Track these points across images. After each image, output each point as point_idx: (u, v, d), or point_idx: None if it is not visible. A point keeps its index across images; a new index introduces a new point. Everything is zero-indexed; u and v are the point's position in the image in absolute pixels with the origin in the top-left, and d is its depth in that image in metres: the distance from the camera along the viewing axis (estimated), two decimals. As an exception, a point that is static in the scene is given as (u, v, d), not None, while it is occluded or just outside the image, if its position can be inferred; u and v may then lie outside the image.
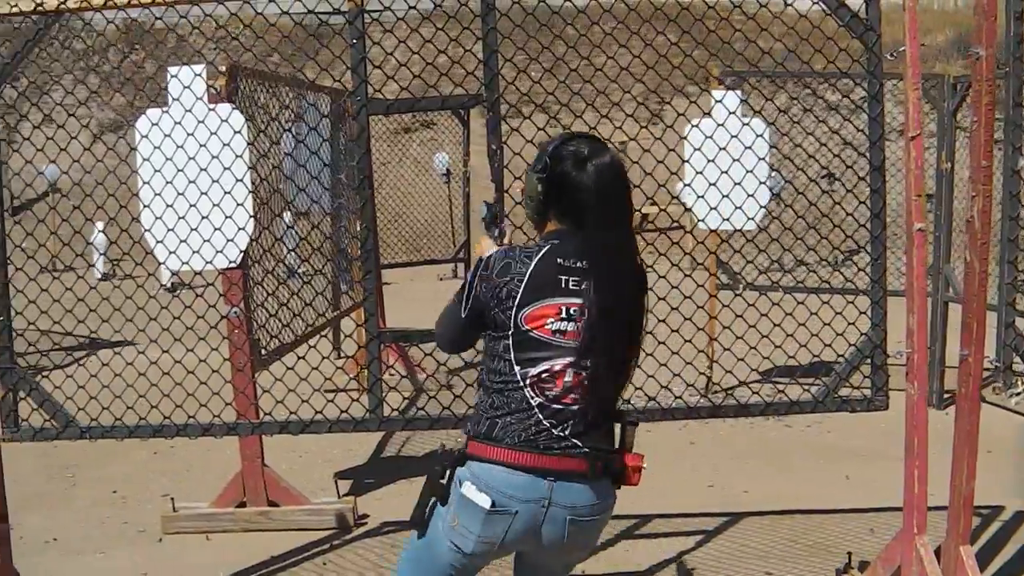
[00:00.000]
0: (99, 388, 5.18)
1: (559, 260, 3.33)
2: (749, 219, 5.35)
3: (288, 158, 6.78)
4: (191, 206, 5.64)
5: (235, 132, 5.78)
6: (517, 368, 3.33)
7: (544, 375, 3.31)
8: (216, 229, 5.66)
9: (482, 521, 3.30)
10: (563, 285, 3.32)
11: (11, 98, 22.17)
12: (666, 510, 6.41)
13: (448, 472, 3.39)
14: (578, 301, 3.32)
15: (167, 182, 5.67)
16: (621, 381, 3.48)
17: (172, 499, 6.56)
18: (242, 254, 5.95)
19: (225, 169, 5.68)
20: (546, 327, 3.31)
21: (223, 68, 6.27)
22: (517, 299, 3.31)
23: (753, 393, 8.64)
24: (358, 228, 8.86)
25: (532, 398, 3.31)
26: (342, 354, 10.37)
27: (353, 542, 6.21)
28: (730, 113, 5.51)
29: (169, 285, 13.87)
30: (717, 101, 7.40)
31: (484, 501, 3.28)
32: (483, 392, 3.44)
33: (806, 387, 7.43)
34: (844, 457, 7.65)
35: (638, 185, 5.27)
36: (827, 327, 5.05)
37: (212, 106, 5.83)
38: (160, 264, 5.82)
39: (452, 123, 14.67)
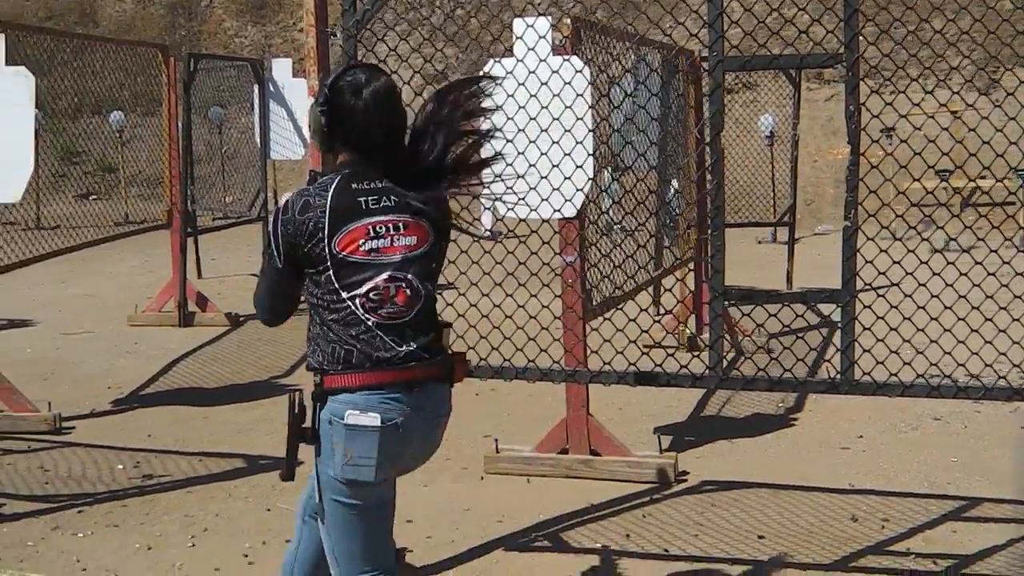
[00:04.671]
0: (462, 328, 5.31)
1: (354, 185, 3.52)
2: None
3: (618, 111, 6.81)
4: (542, 154, 5.74)
5: (587, 83, 5.87)
6: (345, 294, 3.48)
7: (372, 294, 3.48)
8: (566, 178, 5.75)
9: (377, 441, 3.45)
10: (364, 207, 3.51)
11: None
12: (996, 495, 6.17)
13: (314, 415, 3.51)
14: (381, 218, 3.51)
15: (519, 130, 5.78)
16: (435, 283, 3.67)
17: (496, 440, 6.72)
18: (585, 205, 6.04)
19: (578, 119, 5.75)
20: (360, 249, 3.48)
21: (567, 20, 6.33)
22: (325, 229, 3.47)
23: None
24: (688, 185, 8.95)
25: (368, 319, 3.48)
26: (660, 309, 10.40)
27: (672, 498, 6.21)
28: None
29: (491, 232, 14.18)
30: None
31: (373, 420, 3.44)
32: (321, 331, 3.54)
33: None
34: None
35: (973, 154, 5.11)
36: None
37: (567, 57, 5.92)
38: (483, 210, 5.96)
39: (776, 84, 14.44)
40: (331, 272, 3.49)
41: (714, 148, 4.67)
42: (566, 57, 5.90)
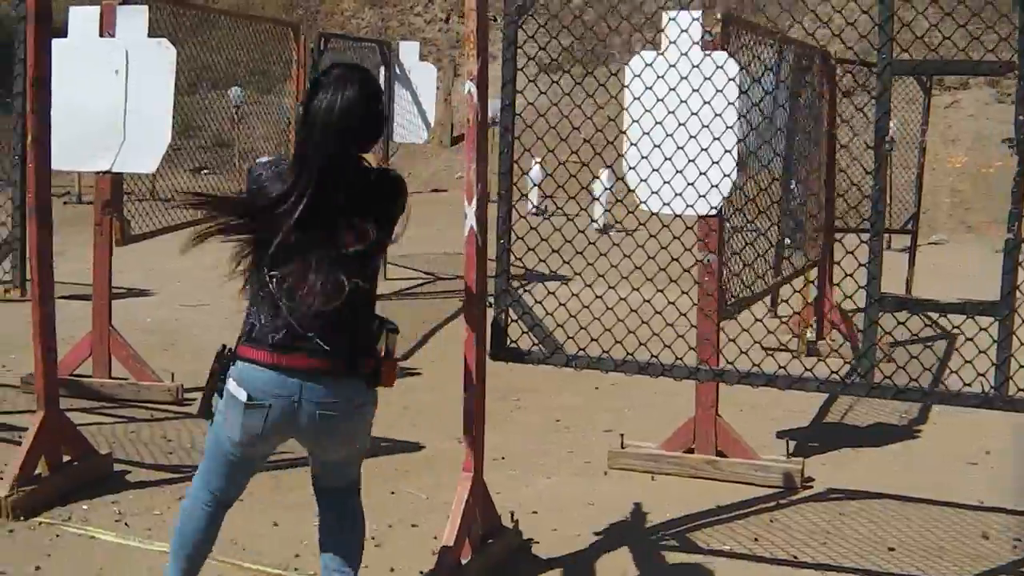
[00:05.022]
0: (586, 320, 5.27)
1: None
2: None
3: (755, 109, 6.71)
4: (678, 148, 5.67)
5: (728, 79, 5.78)
6: (267, 269, 3.70)
7: (290, 278, 3.66)
8: (702, 174, 5.67)
9: (242, 413, 3.73)
10: None
11: (459, 33, 23.25)
12: None
13: (222, 371, 3.83)
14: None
15: (656, 123, 5.71)
16: (368, 285, 3.80)
17: (622, 436, 6.67)
18: (724, 201, 5.96)
19: (716, 115, 5.67)
20: (292, 237, 3.64)
21: (717, 15, 6.25)
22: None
23: None
24: (820, 187, 8.81)
25: (281, 301, 3.67)
26: (777, 312, 10.27)
27: (799, 504, 6.12)
28: None
29: (600, 224, 14.12)
30: None
31: (241, 395, 3.72)
32: (249, 301, 3.83)
33: None
34: None
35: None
36: None
37: (709, 52, 5.84)
38: (592, 200, 5.91)
39: (902, 89, 14.14)
40: (263, 249, 3.70)
41: (878, 154, 4.57)
42: (708, 52, 5.82)
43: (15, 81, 6.06)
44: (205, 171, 20.48)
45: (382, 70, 11.47)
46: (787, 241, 8.47)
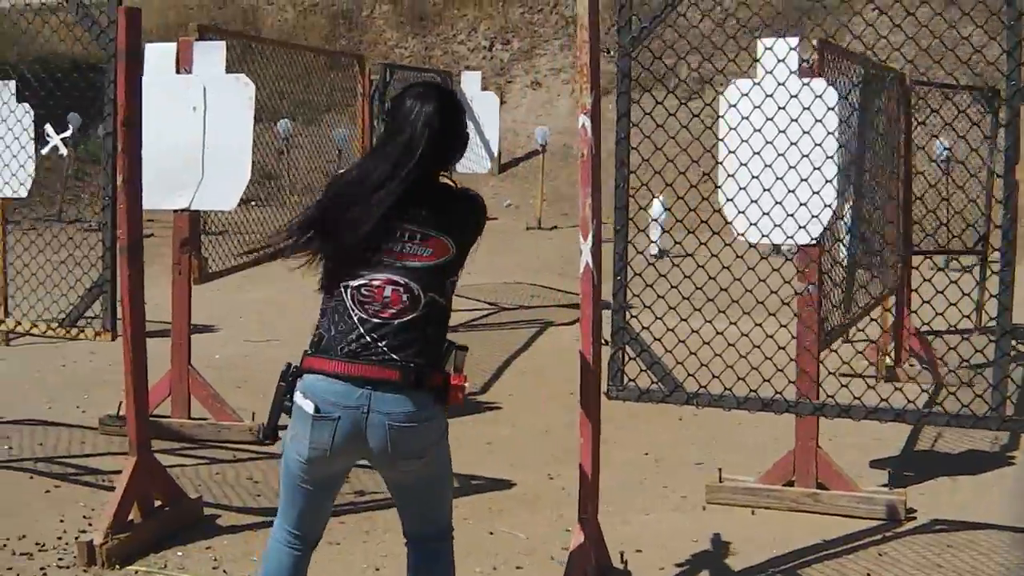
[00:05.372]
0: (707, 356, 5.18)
1: None
2: None
3: (853, 136, 6.61)
4: (777, 179, 5.59)
5: (828, 108, 5.69)
6: (340, 282, 3.71)
7: (364, 289, 3.67)
8: (801, 204, 5.59)
9: (310, 427, 3.67)
10: None
11: (503, 60, 23.33)
12: None
13: (290, 387, 3.78)
14: (403, 225, 3.69)
15: (755, 153, 5.63)
16: (444, 301, 3.77)
17: (720, 470, 6.54)
18: (824, 231, 5.86)
19: (816, 145, 5.59)
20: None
21: (813, 42, 6.14)
22: None
23: None
24: (897, 213, 8.68)
25: (354, 311, 3.67)
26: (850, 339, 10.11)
27: (905, 536, 5.98)
28: None
29: (657, 252, 14.01)
30: None
31: (309, 407, 3.67)
32: (320, 313, 3.81)
33: None
34: None
35: None
36: None
37: (807, 80, 5.75)
38: (651, 221, 5.81)
39: (949, 106, 13.99)
40: (337, 257, 3.73)
41: (1007, 182, 4.46)
42: (806, 81, 5.73)
43: (105, 121, 5.99)
44: (253, 203, 20.50)
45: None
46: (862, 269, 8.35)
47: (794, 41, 5.81)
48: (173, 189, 7.14)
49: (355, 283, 3.70)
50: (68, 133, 17.07)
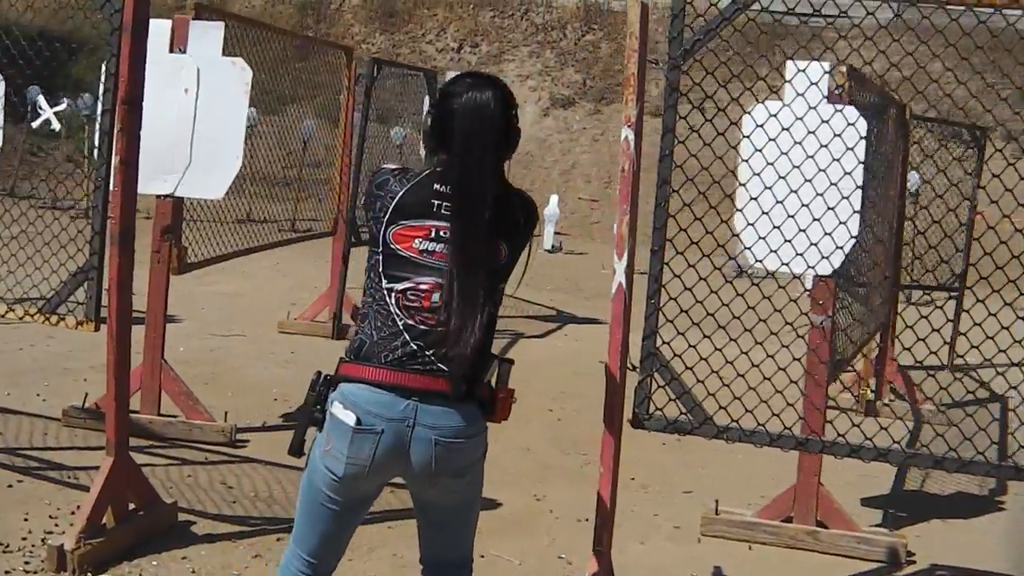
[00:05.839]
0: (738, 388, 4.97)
1: (436, 186, 3.44)
2: None
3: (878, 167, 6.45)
4: (803, 206, 5.39)
5: (860, 137, 5.50)
6: (384, 283, 3.44)
7: (410, 293, 3.42)
8: (826, 234, 5.40)
9: (350, 439, 3.37)
10: (435, 209, 3.42)
11: (470, 63, 23.01)
12: None
13: (321, 397, 3.48)
14: (448, 224, 3.41)
15: (780, 177, 5.42)
16: (491, 308, 3.48)
17: (716, 502, 6.33)
18: (844, 262, 5.67)
19: (845, 174, 5.40)
20: (413, 246, 3.42)
21: (843, 68, 5.95)
22: (387, 215, 3.44)
23: None
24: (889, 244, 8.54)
25: (399, 317, 3.42)
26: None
27: (906, 581, 5.84)
28: None
29: (550, 247, 13.86)
30: None
31: (349, 418, 3.37)
32: (361, 317, 3.54)
33: None
34: None
35: None
36: None
37: (840, 107, 5.56)
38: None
39: (927, 140, 13.94)
40: (380, 257, 3.47)
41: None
42: (839, 107, 5.54)
43: (104, 97, 5.66)
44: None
45: (427, 100, 11.13)
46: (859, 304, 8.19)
47: (828, 64, 5.63)
48: (157, 173, 6.78)
49: (400, 287, 3.43)
50: (62, 107, 16.69)
